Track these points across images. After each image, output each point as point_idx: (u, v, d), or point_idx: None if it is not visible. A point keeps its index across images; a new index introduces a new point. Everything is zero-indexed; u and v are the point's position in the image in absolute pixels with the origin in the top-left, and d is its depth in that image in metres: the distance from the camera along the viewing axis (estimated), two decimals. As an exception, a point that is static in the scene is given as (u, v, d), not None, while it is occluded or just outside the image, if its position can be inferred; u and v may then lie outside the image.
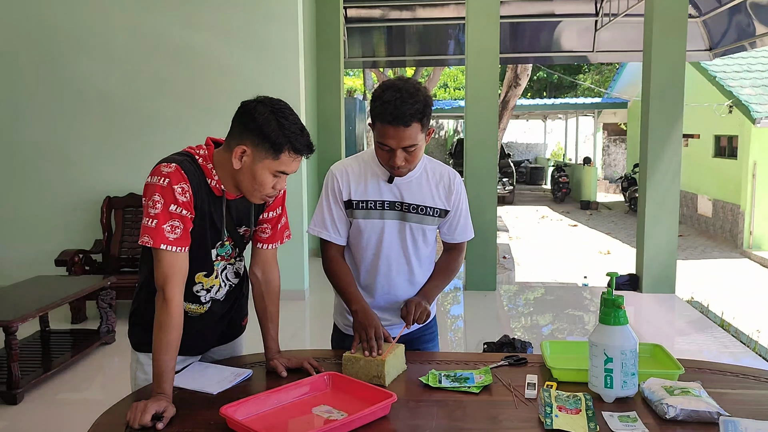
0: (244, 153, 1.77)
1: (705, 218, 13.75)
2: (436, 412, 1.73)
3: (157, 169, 1.75)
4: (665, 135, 6.33)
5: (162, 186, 1.73)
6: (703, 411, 1.62)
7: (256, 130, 1.75)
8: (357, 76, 23.15)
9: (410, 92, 1.94)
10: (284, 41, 5.98)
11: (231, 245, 1.95)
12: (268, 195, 1.83)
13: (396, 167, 2.01)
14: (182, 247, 1.76)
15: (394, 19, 10.49)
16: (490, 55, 6.42)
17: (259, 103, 1.79)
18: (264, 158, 1.76)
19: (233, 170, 1.81)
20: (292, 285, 6.15)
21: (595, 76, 24.66)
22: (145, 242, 1.73)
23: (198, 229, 1.82)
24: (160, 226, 1.72)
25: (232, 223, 1.92)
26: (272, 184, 1.80)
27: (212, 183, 1.84)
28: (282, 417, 1.68)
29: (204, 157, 1.84)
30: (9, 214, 6.15)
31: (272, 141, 1.74)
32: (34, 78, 6.08)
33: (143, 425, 1.60)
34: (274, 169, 1.77)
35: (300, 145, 1.77)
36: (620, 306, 1.76)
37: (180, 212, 1.74)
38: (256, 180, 1.78)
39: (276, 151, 1.75)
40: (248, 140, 1.77)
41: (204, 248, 1.87)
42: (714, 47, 9.85)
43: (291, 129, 1.76)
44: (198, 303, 1.93)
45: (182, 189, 1.74)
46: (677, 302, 6.34)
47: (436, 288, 2.22)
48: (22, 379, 3.93)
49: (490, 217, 6.50)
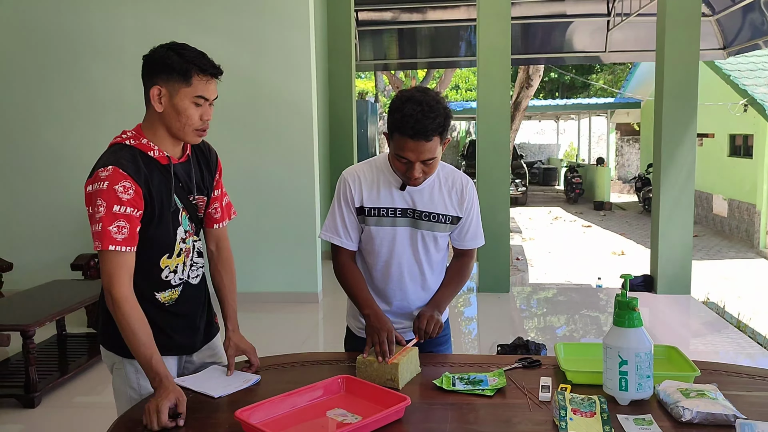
0: (160, 93, 1.82)
1: (720, 218, 13.63)
2: (449, 415, 1.73)
3: (96, 176, 1.76)
4: (679, 135, 6.29)
5: (102, 190, 1.73)
6: (719, 414, 1.61)
7: (161, 66, 1.81)
8: (369, 79, 23.18)
9: (431, 106, 1.93)
10: (296, 45, 6.00)
11: (188, 219, 1.95)
12: (198, 128, 1.87)
13: (413, 179, 2.02)
14: (130, 247, 1.77)
15: (405, 21, 10.50)
16: (502, 56, 6.41)
17: (157, 48, 1.86)
18: (178, 89, 1.81)
19: (161, 120, 1.85)
20: (306, 288, 6.17)
21: (607, 76, 24.53)
22: (97, 247, 1.76)
23: (158, 211, 1.84)
24: (106, 228, 1.73)
25: (183, 192, 1.93)
26: (198, 114, 1.85)
27: (155, 154, 1.86)
28: (296, 420, 1.68)
29: (133, 137, 1.86)
30: (25, 218, 6.22)
31: (178, 69, 1.80)
32: (49, 84, 6.16)
33: (164, 426, 1.62)
34: (191, 95, 1.82)
35: (205, 65, 1.82)
36: (634, 308, 1.75)
37: (125, 211, 1.75)
38: (180, 114, 1.83)
39: (185, 77, 1.80)
40: (158, 79, 1.82)
41: (165, 227, 1.87)
42: (728, 46, 9.78)
43: (192, 55, 1.82)
44: (170, 288, 1.94)
45: (124, 187, 1.75)
46: (693, 303, 6.29)
47: (447, 296, 2.22)
48: (40, 383, 3.97)
49: (502, 219, 6.48)
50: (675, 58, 6.23)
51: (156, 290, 1.91)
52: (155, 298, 1.91)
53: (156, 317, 1.90)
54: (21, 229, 6.24)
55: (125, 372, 1.92)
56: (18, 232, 6.23)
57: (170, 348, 1.96)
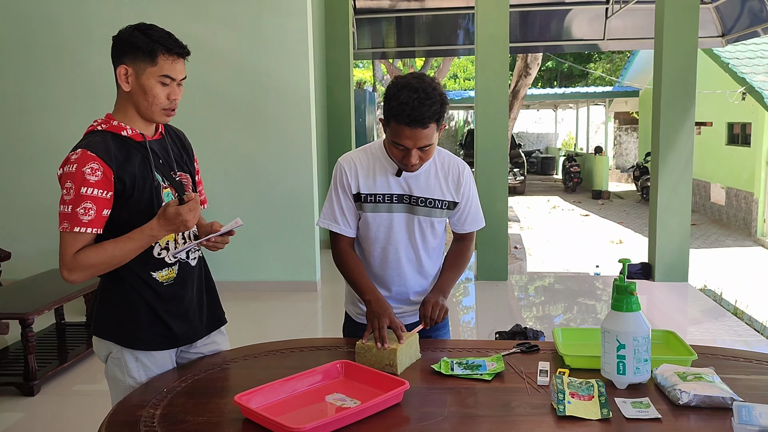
0: (127, 72, 1.84)
1: (718, 206, 13.65)
2: (448, 399, 1.73)
3: (66, 159, 1.79)
4: (677, 123, 6.28)
5: (72, 172, 1.76)
6: (717, 396, 1.62)
7: (127, 46, 1.83)
8: (366, 68, 23.10)
9: (427, 93, 1.93)
10: (293, 34, 5.97)
11: (174, 195, 1.95)
12: (166, 107, 1.88)
13: (410, 165, 2.02)
14: (95, 228, 1.79)
15: (403, 9, 10.44)
16: (500, 45, 6.38)
17: (125, 28, 1.87)
18: (145, 69, 1.82)
19: (130, 100, 1.87)
20: (304, 277, 6.17)
21: (606, 64, 24.46)
22: (64, 228, 1.77)
23: (137, 188, 1.84)
24: (75, 210, 1.75)
25: (165, 168, 1.94)
26: (165, 94, 1.86)
27: (128, 132, 1.87)
28: (295, 405, 1.69)
29: (103, 122, 1.88)
30: (23, 207, 6.22)
31: (143, 49, 1.81)
32: (46, 72, 6.13)
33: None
34: (156, 74, 1.83)
35: (171, 45, 1.84)
36: (632, 292, 1.75)
37: (92, 193, 1.76)
38: (147, 93, 1.84)
39: (151, 56, 1.81)
40: (125, 59, 1.83)
41: (146, 203, 1.87)
42: (726, 33, 9.74)
43: (158, 35, 1.83)
44: (166, 267, 1.93)
45: (92, 169, 1.76)
46: (690, 291, 6.31)
47: (450, 281, 2.22)
48: (39, 371, 3.98)
49: (501, 208, 6.48)
50: (673, 46, 6.22)
51: (152, 269, 1.90)
52: (152, 278, 1.91)
53: (153, 301, 1.91)
54: (19, 218, 6.23)
55: (124, 361, 1.92)
56: (16, 221, 6.23)
57: (167, 338, 1.95)
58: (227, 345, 2.17)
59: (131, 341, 1.92)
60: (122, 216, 1.83)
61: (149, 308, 1.91)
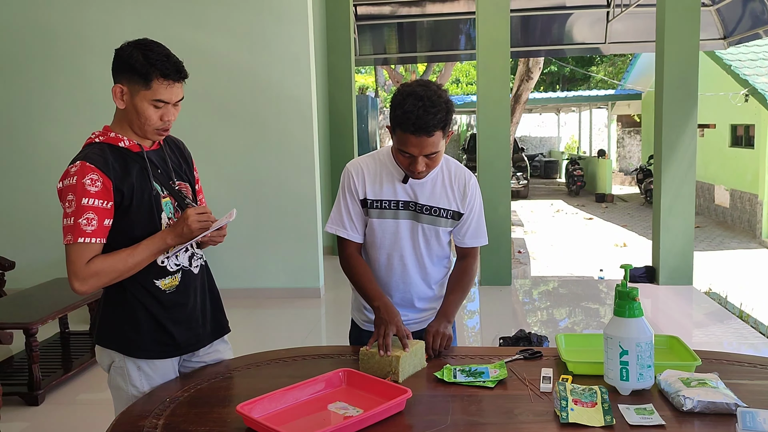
0: (123, 91, 1.85)
1: (722, 209, 13.61)
2: (451, 407, 1.73)
3: (66, 172, 1.81)
4: (680, 125, 6.27)
5: (72, 185, 1.78)
6: (721, 402, 1.61)
7: (125, 66, 1.83)
8: (368, 74, 23.15)
9: (432, 100, 1.92)
10: (295, 40, 5.99)
11: (173, 204, 1.95)
12: (158, 128, 1.88)
13: (417, 173, 2.02)
14: (99, 238, 1.80)
15: (405, 15, 10.46)
16: (502, 49, 6.39)
17: (126, 44, 1.86)
18: (139, 90, 1.82)
19: (125, 117, 1.87)
20: (307, 283, 6.17)
21: (608, 67, 24.46)
22: (69, 241, 1.78)
23: (136, 198, 1.85)
24: (77, 221, 1.77)
25: (163, 177, 1.94)
26: (158, 116, 1.86)
27: (125, 144, 1.88)
28: (298, 414, 1.68)
29: (102, 133, 1.90)
30: (27, 217, 6.24)
31: (140, 72, 1.81)
32: (49, 82, 6.16)
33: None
34: (150, 98, 1.83)
35: (167, 69, 1.82)
36: (634, 298, 1.75)
37: (93, 204, 1.77)
38: (140, 115, 1.85)
39: (146, 81, 1.81)
40: (122, 78, 1.84)
41: (146, 213, 1.87)
42: (728, 35, 9.74)
43: (156, 57, 1.82)
44: (168, 275, 1.93)
45: (91, 180, 1.77)
46: (695, 294, 6.28)
47: (454, 305, 2.19)
48: (43, 381, 3.98)
49: (504, 212, 6.47)
50: (675, 49, 6.21)
51: (155, 277, 1.91)
52: (155, 286, 1.91)
53: (155, 310, 1.91)
54: (23, 228, 6.25)
55: (126, 370, 1.92)
56: (20, 231, 6.25)
57: (170, 346, 1.95)
58: (230, 353, 2.16)
59: (133, 350, 1.92)
60: (124, 226, 1.83)
61: (151, 316, 1.91)
